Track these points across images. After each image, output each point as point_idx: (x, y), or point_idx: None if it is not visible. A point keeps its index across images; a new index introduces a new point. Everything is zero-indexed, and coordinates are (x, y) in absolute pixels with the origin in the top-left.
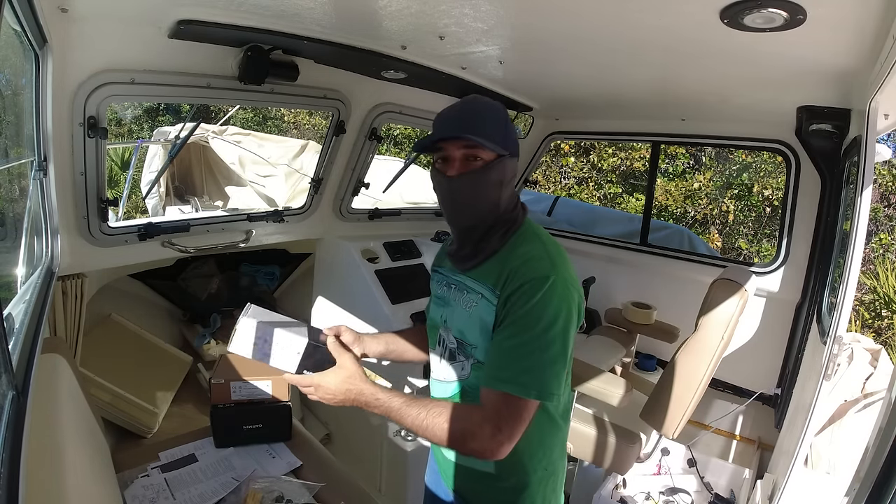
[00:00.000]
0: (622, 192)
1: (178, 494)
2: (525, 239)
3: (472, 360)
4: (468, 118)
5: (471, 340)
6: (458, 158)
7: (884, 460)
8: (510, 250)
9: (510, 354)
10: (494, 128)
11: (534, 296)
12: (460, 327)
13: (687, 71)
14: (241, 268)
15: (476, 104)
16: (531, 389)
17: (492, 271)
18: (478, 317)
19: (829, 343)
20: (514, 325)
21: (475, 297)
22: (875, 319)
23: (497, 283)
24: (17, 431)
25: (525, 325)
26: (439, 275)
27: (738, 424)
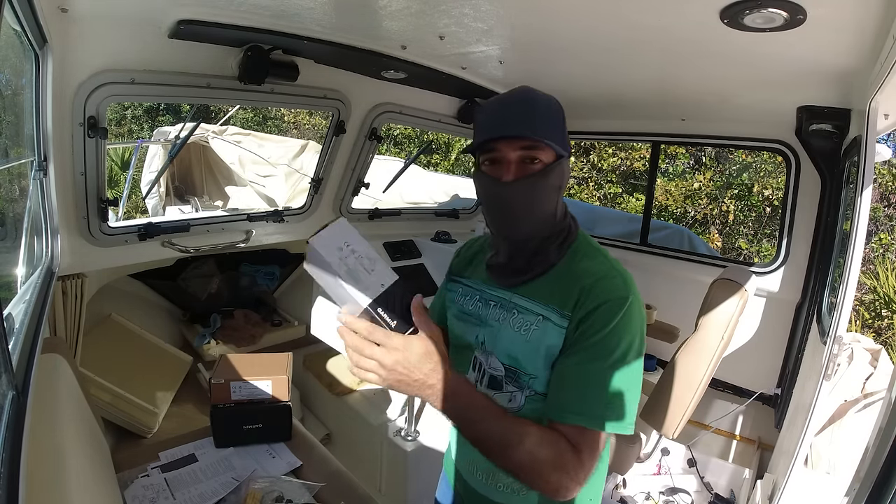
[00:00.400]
0: (622, 192)
1: (178, 494)
2: (586, 253)
3: (528, 392)
4: (526, 113)
5: (529, 369)
6: (514, 161)
7: (884, 460)
8: (570, 265)
9: (588, 384)
10: (554, 124)
11: (612, 319)
12: (511, 352)
13: (687, 71)
14: (241, 268)
15: (533, 96)
16: (611, 422)
17: (552, 289)
18: (540, 342)
19: (829, 343)
20: (589, 350)
21: (532, 318)
22: (875, 319)
23: (565, 303)
24: (17, 431)
25: (604, 352)
26: (466, 287)
27: (738, 424)
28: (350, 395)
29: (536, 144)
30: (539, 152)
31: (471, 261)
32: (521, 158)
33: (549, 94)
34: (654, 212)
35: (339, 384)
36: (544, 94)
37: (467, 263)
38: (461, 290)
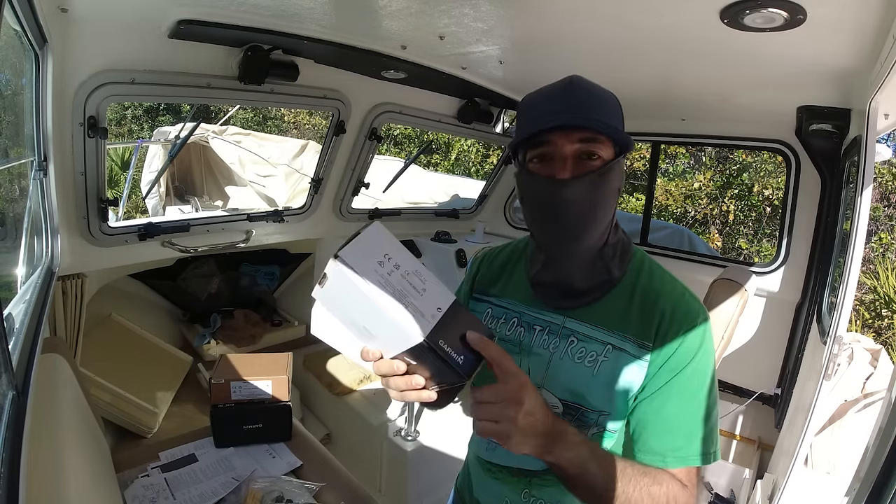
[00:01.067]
0: (622, 191)
1: (178, 495)
2: (650, 270)
3: (596, 430)
4: (583, 101)
5: (597, 405)
6: (570, 156)
7: (884, 460)
8: (635, 284)
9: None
10: (616, 116)
11: (700, 345)
12: (573, 387)
13: (687, 71)
14: (241, 268)
15: (589, 83)
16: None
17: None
18: (610, 374)
19: (830, 343)
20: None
21: (599, 347)
22: (875, 319)
23: (642, 331)
24: (17, 431)
25: (699, 383)
26: (498, 307)
27: (738, 424)
28: (350, 394)
29: (597, 137)
30: (599, 146)
31: (500, 275)
32: (579, 153)
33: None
34: (654, 212)
35: (339, 384)
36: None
37: (495, 278)
38: (491, 310)
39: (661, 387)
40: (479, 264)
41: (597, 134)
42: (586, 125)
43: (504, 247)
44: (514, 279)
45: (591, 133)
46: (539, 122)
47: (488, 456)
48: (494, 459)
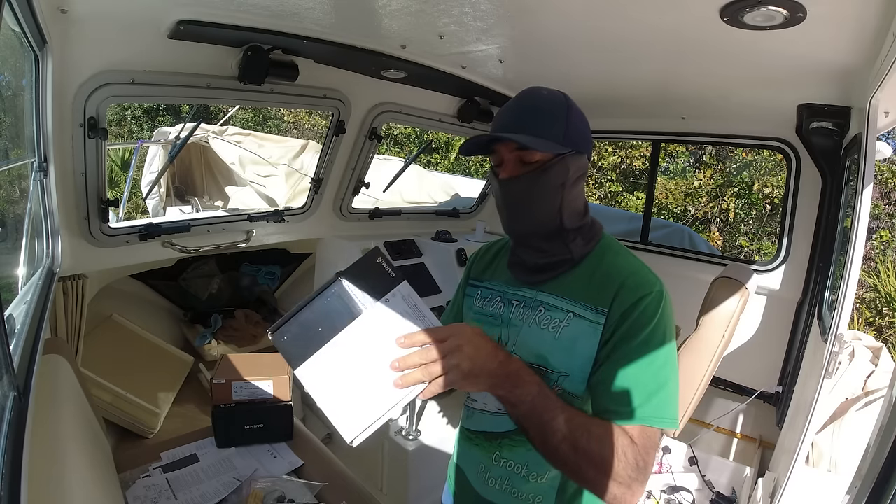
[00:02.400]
0: (622, 190)
1: (179, 495)
2: (614, 249)
3: (557, 390)
4: (520, 116)
5: (557, 367)
6: (510, 160)
7: (885, 458)
8: (599, 262)
9: (648, 385)
10: (550, 122)
11: (655, 313)
12: (539, 351)
13: (687, 69)
14: (241, 268)
15: (531, 98)
16: (671, 419)
17: (582, 285)
18: (570, 339)
19: (830, 341)
20: (642, 349)
21: (561, 315)
22: (876, 317)
23: (598, 299)
24: (18, 432)
25: (654, 349)
26: (486, 289)
27: (739, 423)
28: None
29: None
30: (533, 152)
31: (490, 263)
32: (519, 158)
33: (554, 92)
34: (654, 210)
35: None
36: (547, 94)
37: (486, 266)
38: (480, 293)
39: (616, 352)
40: (474, 258)
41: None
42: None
43: (496, 241)
44: (500, 265)
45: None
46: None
47: (467, 424)
48: (471, 426)
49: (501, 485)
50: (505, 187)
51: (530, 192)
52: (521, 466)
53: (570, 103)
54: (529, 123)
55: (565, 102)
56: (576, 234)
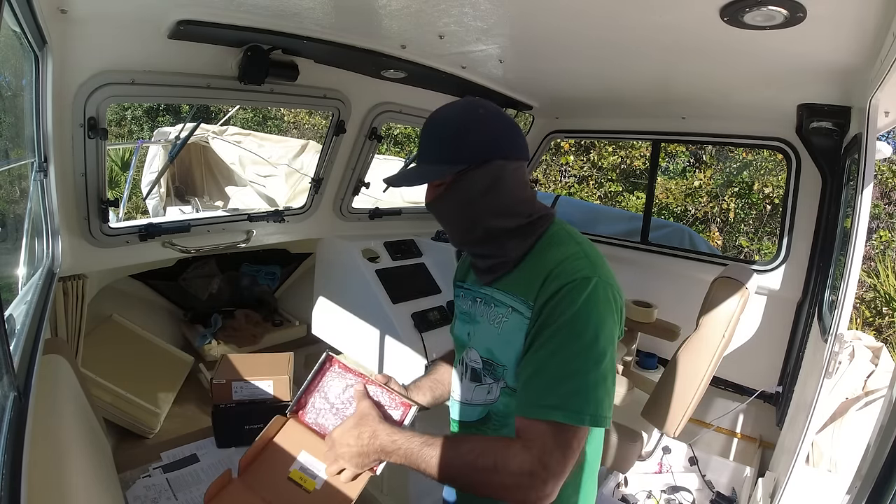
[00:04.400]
0: (622, 190)
1: (179, 495)
2: (556, 241)
3: (502, 384)
4: (422, 145)
5: (501, 360)
6: (427, 186)
7: (885, 458)
8: (539, 255)
9: (555, 374)
10: (438, 148)
11: (576, 301)
12: (488, 345)
13: (687, 69)
14: (241, 268)
15: (426, 126)
16: (584, 415)
17: (522, 280)
18: (510, 334)
19: (830, 341)
20: (555, 337)
21: (505, 310)
22: (876, 317)
23: (529, 292)
24: (18, 433)
25: (569, 337)
26: (464, 290)
27: (739, 422)
28: None
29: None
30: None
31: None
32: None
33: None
34: (654, 210)
35: None
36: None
37: (466, 270)
38: (461, 293)
39: (533, 343)
40: (459, 262)
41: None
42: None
43: None
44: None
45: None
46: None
47: (451, 412)
48: (453, 414)
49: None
50: (429, 209)
51: (448, 210)
52: None
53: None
54: (425, 152)
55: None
56: (511, 236)
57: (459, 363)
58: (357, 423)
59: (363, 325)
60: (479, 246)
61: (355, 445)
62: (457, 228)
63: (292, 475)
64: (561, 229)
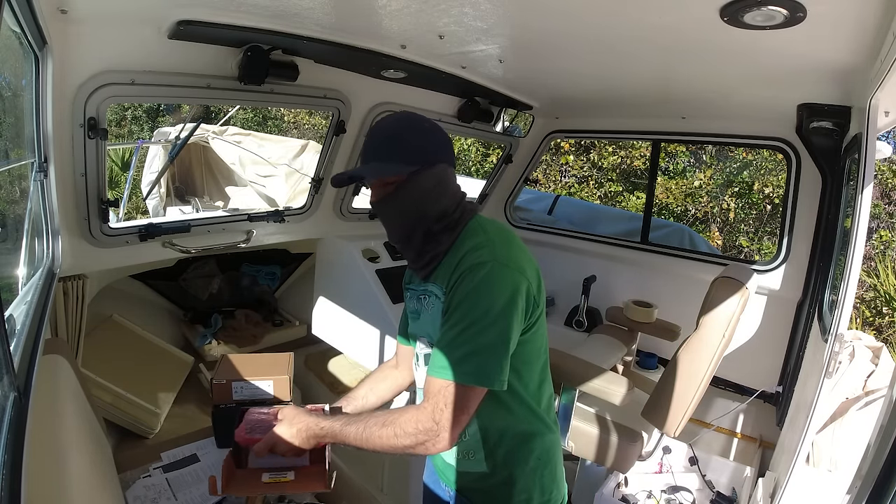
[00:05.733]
0: (622, 190)
1: (179, 495)
2: (470, 234)
3: None
4: (367, 150)
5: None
6: (373, 186)
7: (885, 458)
8: (457, 248)
9: (451, 343)
10: (388, 151)
11: (472, 282)
12: (429, 332)
13: (687, 69)
14: (242, 268)
15: (373, 131)
16: (470, 375)
17: (443, 271)
18: (434, 316)
19: (831, 341)
20: (453, 314)
21: (433, 298)
22: (876, 317)
23: (446, 280)
24: (18, 433)
25: (464, 313)
26: (411, 291)
27: (739, 422)
28: None
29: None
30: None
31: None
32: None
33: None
34: (654, 210)
35: (340, 384)
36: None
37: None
38: (409, 294)
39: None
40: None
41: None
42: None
43: None
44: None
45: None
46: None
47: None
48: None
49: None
50: (373, 208)
51: (392, 209)
52: None
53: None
54: (376, 151)
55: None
56: (441, 232)
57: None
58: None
59: (363, 325)
60: (419, 242)
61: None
62: (402, 226)
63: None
64: (475, 222)
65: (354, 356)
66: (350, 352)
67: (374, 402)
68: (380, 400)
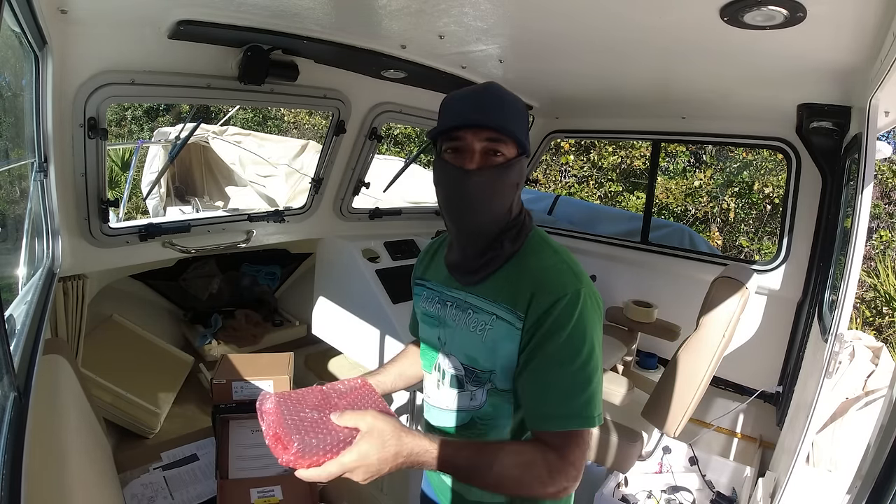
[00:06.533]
0: (623, 190)
1: (176, 494)
2: (534, 248)
3: (489, 387)
4: (493, 106)
5: (485, 366)
6: (478, 150)
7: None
8: (520, 262)
9: (566, 387)
10: (520, 121)
11: (572, 315)
12: (469, 352)
13: (687, 69)
14: (242, 268)
15: (499, 91)
16: (594, 419)
17: (503, 288)
18: (493, 341)
19: (831, 341)
20: (559, 353)
21: (487, 318)
22: (876, 317)
23: (516, 302)
24: (18, 433)
25: (572, 352)
26: (428, 290)
27: (739, 422)
28: None
29: (501, 137)
30: (503, 146)
31: (431, 262)
32: (485, 150)
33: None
34: (654, 210)
35: None
36: (511, 93)
37: (427, 265)
38: (424, 293)
39: (534, 358)
40: (419, 258)
41: (500, 134)
42: (492, 126)
43: (437, 239)
44: (438, 264)
45: (496, 133)
46: (456, 118)
47: (427, 416)
48: (430, 419)
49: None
50: (471, 178)
51: (494, 186)
52: None
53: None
54: (504, 116)
55: (525, 107)
56: (507, 234)
57: (434, 369)
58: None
59: (363, 325)
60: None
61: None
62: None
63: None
64: (537, 235)
65: (354, 356)
66: (350, 352)
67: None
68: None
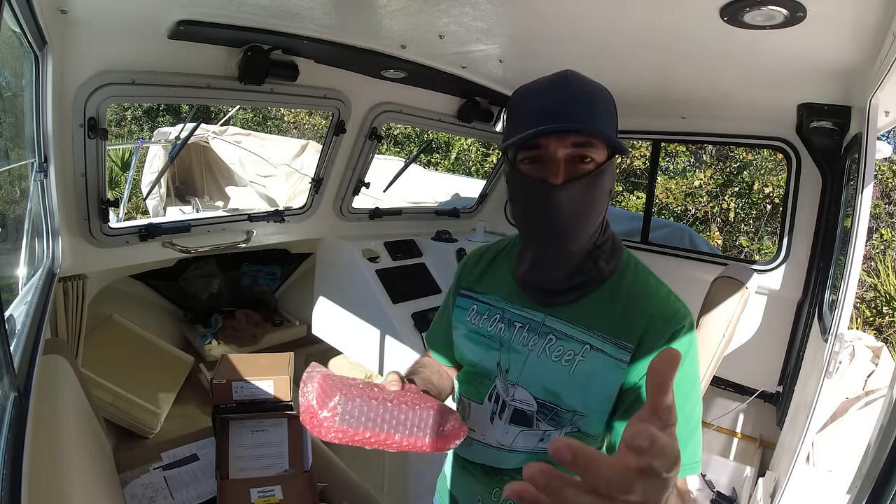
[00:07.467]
0: (623, 190)
1: (176, 494)
2: (633, 270)
3: (570, 429)
4: (578, 103)
5: (570, 405)
6: (562, 160)
7: (885, 458)
8: (619, 285)
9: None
10: (609, 116)
11: (689, 349)
12: (549, 386)
13: (687, 69)
14: (242, 268)
15: (582, 81)
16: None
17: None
18: (586, 375)
19: (831, 340)
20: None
21: (578, 347)
22: (876, 317)
23: (620, 332)
24: (18, 433)
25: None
26: (482, 304)
27: (739, 422)
28: None
29: (590, 140)
30: (592, 150)
31: (486, 272)
32: (571, 157)
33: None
34: (654, 210)
35: None
36: (594, 81)
37: (481, 275)
38: (476, 307)
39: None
40: (465, 264)
41: (590, 137)
42: (581, 130)
43: (491, 245)
44: (500, 276)
45: (585, 137)
46: (532, 122)
47: (464, 453)
48: (468, 456)
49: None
50: (559, 194)
51: (585, 199)
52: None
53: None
54: (592, 114)
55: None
56: (601, 251)
57: (490, 400)
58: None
59: (363, 325)
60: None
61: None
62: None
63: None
64: (630, 254)
65: (354, 356)
66: (350, 352)
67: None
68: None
